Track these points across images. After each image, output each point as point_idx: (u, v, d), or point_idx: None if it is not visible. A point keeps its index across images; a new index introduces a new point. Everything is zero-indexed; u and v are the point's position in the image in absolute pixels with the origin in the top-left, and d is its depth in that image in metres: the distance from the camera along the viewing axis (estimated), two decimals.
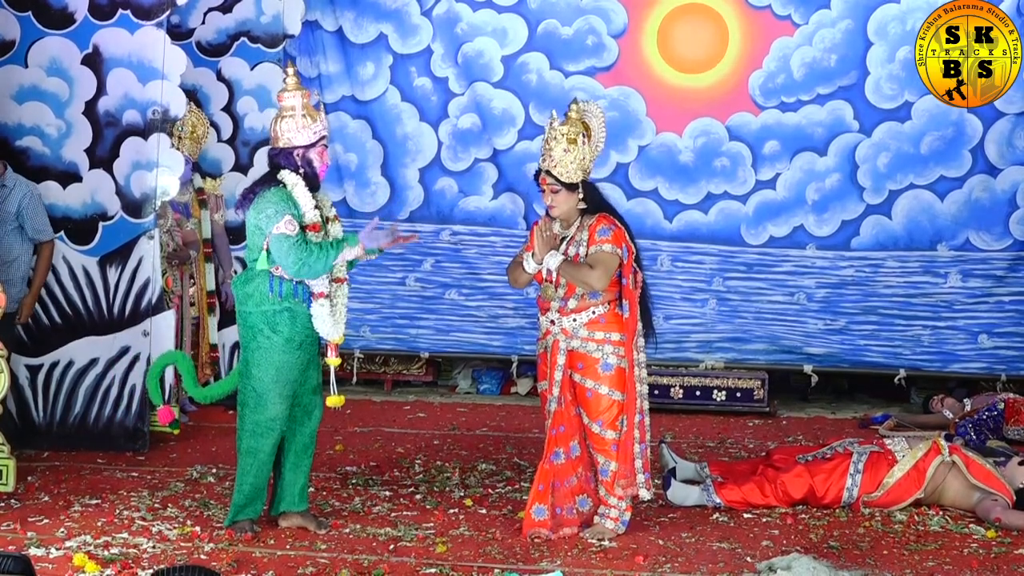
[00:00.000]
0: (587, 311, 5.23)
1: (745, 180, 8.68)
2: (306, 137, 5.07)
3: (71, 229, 6.55)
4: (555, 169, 5.18)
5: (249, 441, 5.12)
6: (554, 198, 5.22)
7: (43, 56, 6.46)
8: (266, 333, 5.05)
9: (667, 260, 8.70)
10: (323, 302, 5.09)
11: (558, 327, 5.25)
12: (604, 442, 5.23)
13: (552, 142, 5.19)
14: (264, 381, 5.07)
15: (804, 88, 8.56)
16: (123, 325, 6.59)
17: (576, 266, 5.17)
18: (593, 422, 5.24)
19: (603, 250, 5.16)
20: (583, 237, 5.23)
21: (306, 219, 5.04)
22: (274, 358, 5.07)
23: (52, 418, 6.60)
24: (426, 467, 6.46)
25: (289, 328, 5.06)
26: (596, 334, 5.22)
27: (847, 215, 8.61)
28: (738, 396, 8.29)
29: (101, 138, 6.53)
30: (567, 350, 5.25)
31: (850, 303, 8.60)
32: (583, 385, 5.23)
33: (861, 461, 5.74)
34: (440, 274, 8.85)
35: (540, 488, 5.24)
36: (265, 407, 5.09)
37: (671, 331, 8.55)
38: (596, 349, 5.22)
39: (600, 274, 5.13)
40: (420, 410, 8.24)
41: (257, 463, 5.13)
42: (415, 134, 8.84)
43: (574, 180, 5.20)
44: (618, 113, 8.53)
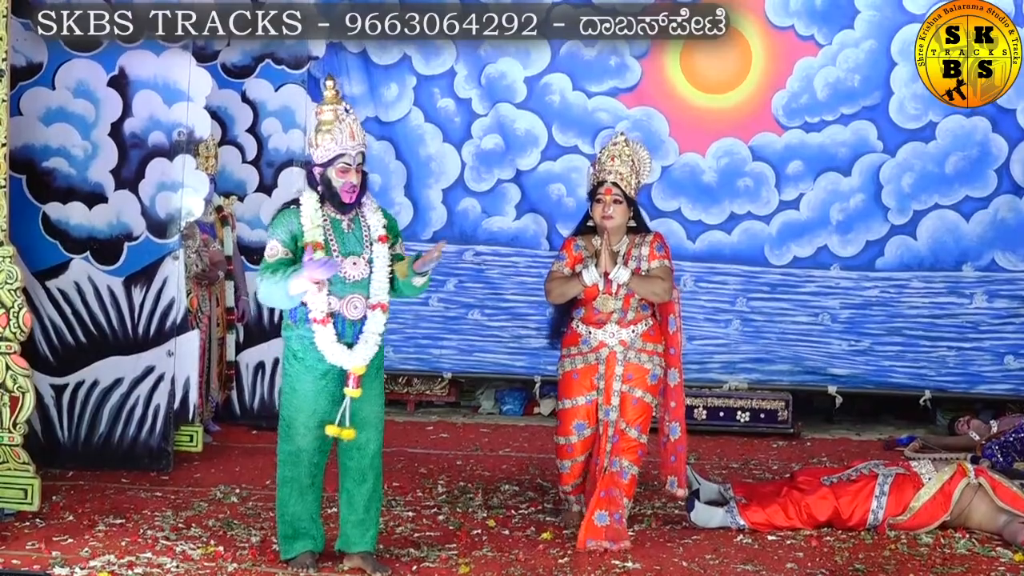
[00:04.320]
0: (642, 323, 5.52)
1: (769, 200, 8.66)
2: (320, 155, 4.82)
3: (96, 249, 6.59)
4: (621, 181, 5.46)
5: (282, 470, 4.91)
6: (615, 208, 5.47)
7: (70, 78, 6.51)
8: (290, 359, 4.88)
9: (690, 280, 8.69)
10: (318, 328, 4.75)
11: (616, 339, 5.47)
12: (637, 447, 5.49)
13: (616, 159, 5.50)
14: (290, 409, 4.87)
15: (828, 108, 8.55)
16: (148, 345, 6.61)
17: (647, 278, 5.46)
18: (631, 427, 5.48)
19: (665, 264, 5.51)
20: (643, 253, 5.51)
21: (305, 237, 4.78)
22: (296, 385, 4.85)
23: (77, 437, 6.62)
24: (449, 488, 6.45)
25: (309, 355, 4.81)
26: (648, 345, 5.52)
27: (871, 235, 8.59)
28: (762, 417, 8.26)
29: (127, 159, 6.57)
30: (624, 361, 5.45)
31: (875, 324, 8.56)
32: (631, 394, 5.48)
33: (887, 483, 5.70)
34: (463, 294, 8.86)
35: (603, 495, 5.37)
36: (290, 437, 4.87)
37: (694, 352, 8.53)
38: (648, 360, 5.51)
39: (669, 286, 5.48)
40: (443, 431, 8.24)
41: (295, 493, 4.89)
42: (438, 155, 8.87)
43: (633, 196, 5.50)
44: (641, 133, 8.53)
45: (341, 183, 4.82)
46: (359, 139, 4.86)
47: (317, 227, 4.79)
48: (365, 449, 4.90)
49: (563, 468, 5.66)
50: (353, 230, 4.89)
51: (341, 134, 4.81)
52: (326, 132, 4.81)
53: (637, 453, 5.49)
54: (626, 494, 5.47)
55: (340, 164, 4.82)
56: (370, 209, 4.96)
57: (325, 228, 4.81)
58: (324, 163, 4.83)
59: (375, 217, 4.95)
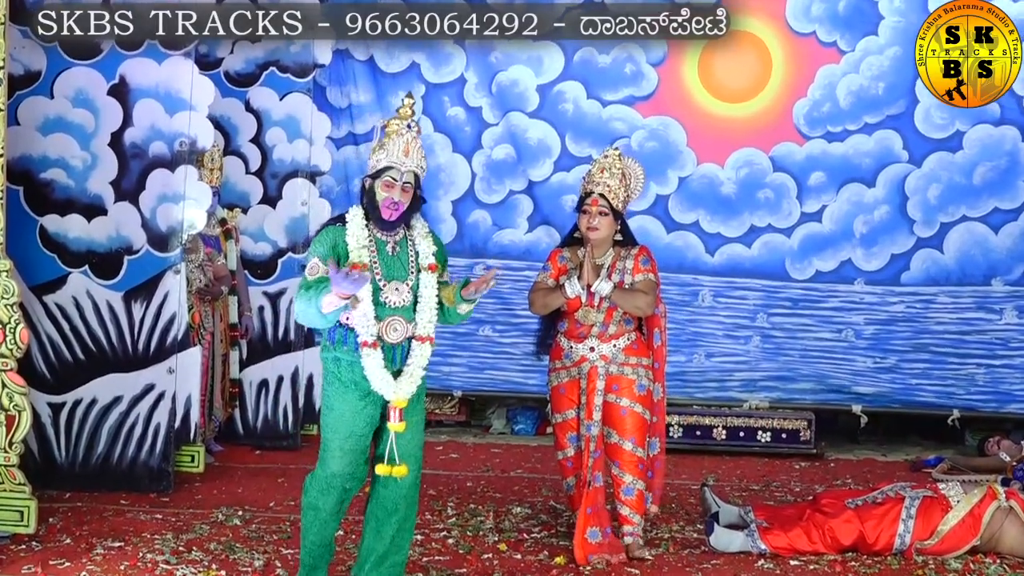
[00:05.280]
0: (624, 337, 5.57)
1: (790, 212, 8.66)
2: (371, 165, 4.80)
3: (95, 263, 6.60)
4: (608, 194, 5.52)
5: (312, 496, 4.77)
6: (601, 220, 5.52)
7: (69, 87, 6.53)
8: (329, 379, 4.78)
9: (709, 295, 8.69)
10: (369, 352, 4.67)
11: (597, 353, 5.54)
12: (635, 460, 5.54)
13: (605, 171, 5.56)
14: (326, 430, 4.76)
15: (851, 117, 8.55)
16: (148, 362, 6.62)
17: (629, 292, 5.51)
18: (625, 440, 5.54)
19: (649, 278, 5.54)
20: (627, 266, 5.56)
21: (351, 257, 4.68)
22: (335, 405, 4.72)
23: (74, 458, 6.63)
24: (459, 510, 6.45)
25: (348, 374, 4.71)
26: (631, 359, 5.56)
27: (897, 249, 8.58)
28: (784, 437, 8.24)
29: (127, 170, 6.59)
30: (606, 375, 5.51)
31: (900, 340, 8.54)
32: (618, 404, 5.54)
33: (914, 506, 5.68)
34: (474, 310, 8.83)
35: (589, 511, 5.43)
36: (327, 461, 4.73)
37: (713, 369, 8.53)
38: (632, 372, 5.56)
39: (652, 300, 5.52)
40: (453, 451, 8.24)
41: (319, 521, 4.79)
42: (448, 165, 8.89)
43: (620, 209, 5.55)
44: (658, 143, 8.55)
45: (383, 197, 4.73)
46: (414, 158, 4.80)
47: (363, 247, 4.71)
48: (402, 480, 4.82)
49: (568, 488, 5.73)
50: (399, 254, 4.81)
51: (395, 147, 4.76)
52: (380, 145, 4.78)
53: (638, 467, 5.56)
54: (636, 511, 5.55)
55: (387, 177, 4.75)
56: (420, 234, 4.88)
57: (370, 249, 4.73)
58: (372, 174, 4.78)
59: (425, 243, 4.88)
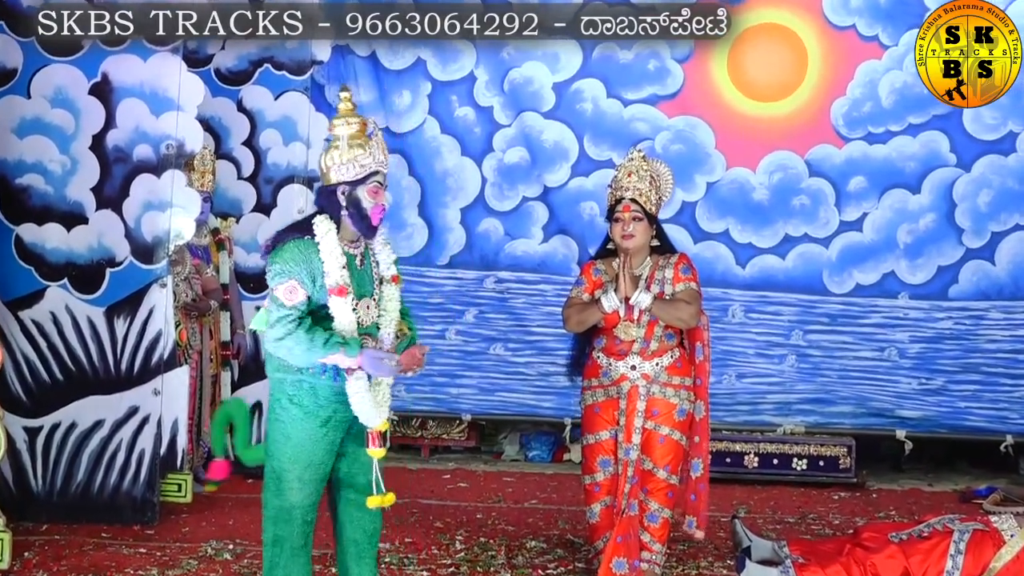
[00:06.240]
0: (667, 354, 5.59)
1: (827, 221, 8.65)
2: (352, 171, 4.66)
3: (75, 276, 6.63)
4: (640, 197, 5.55)
5: (274, 529, 4.79)
6: (635, 226, 5.54)
7: (47, 85, 6.57)
8: (283, 403, 4.75)
9: (740, 311, 8.68)
10: (360, 376, 4.67)
11: (639, 372, 5.55)
12: (666, 488, 5.58)
13: (633, 175, 5.58)
14: (281, 460, 4.74)
15: (894, 117, 8.55)
16: (132, 383, 6.64)
17: (670, 303, 5.52)
18: (659, 468, 5.56)
19: (691, 287, 5.56)
20: (666, 275, 5.58)
21: (328, 280, 4.62)
22: (291, 433, 4.70)
23: (52, 486, 6.65)
24: (468, 544, 6.44)
25: (311, 400, 4.71)
26: (674, 379, 5.60)
27: (944, 260, 8.57)
28: (821, 465, 8.21)
29: (109, 176, 6.62)
30: (647, 396, 5.53)
31: (948, 360, 8.52)
32: (657, 432, 5.55)
33: (963, 541, 5.65)
34: (484, 326, 8.87)
35: (619, 540, 5.44)
36: (283, 492, 4.73)
37: (744, 391, 8.51)
38: (674, 395, 5.59)
39: (695, 311, 5.53)
40: (461, 479, 8.23)
41: (286, 554, 4.79)
42: (456, 170, 8.90)
43: (654, 213, 5.59)
44: (684, 146, 8.55)
45: (372, 204, 4.70)
46: (387, 158, 4.81)
47: (342, 268, 4.66)
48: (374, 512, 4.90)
49: (591, 516, 5.67)
50: (364, 267, 4.80)
51: (376, 149, 4.73)
52: (358, 146, 4.70)
53: (667, 495, 5.58)
54: (658, 539, 5.58)
55: (373, 183, 4.71)
56: (379, 242, 4.87)
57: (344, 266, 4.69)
58: (356, 180, 4.70)
59: (385, 252, 4.89)
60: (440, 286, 8.74)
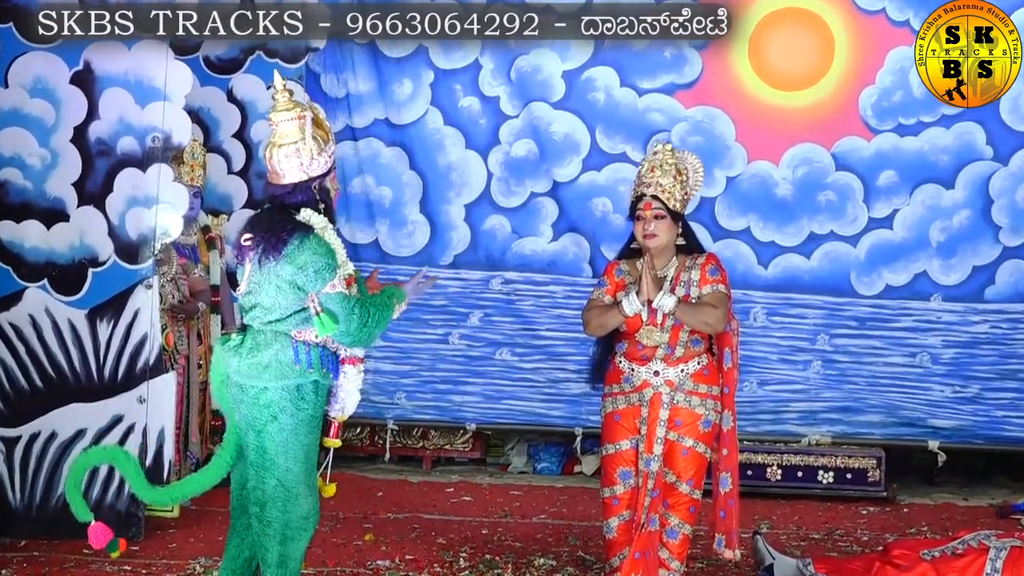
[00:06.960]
0: (694, 361, 5.57)
1: (855, 218, 8.64)
2: (323, 164, 4.91)
3: (55, 276, 6.64)
4: (663, 194, 5.53)
5: (281, 548, 4.83)
6: (657, 225, 5.53)
7: (26, 74, 6.58)
8: (290, 411, 4.81)
9: (762, 314, 8.67)
10: (352, 370, 4.95)
11: (662, 379, 5.53)
12: (688, 503, 5.56)
13: (656, 169, 5.57)
14: (294, 471, 4.82)
15: (926, 108, 8.53)
16: (115, 390, 6.64)
17: (696, 306, 5.50)
18: (683, 482, 5.55)
19: (719, 290, 5.55)
20: (692, 277, 5.57)
21: (344, 271, 4.87)
22: (303, 440, 4.84)
23: (31, 500, 6.66)
24: (473, 561, 6.44)
25: (314, 403, 4.88)
26: (700, 387, 5.57)
27: (979, 260, 8.55)
28: (849, 478, 8.21)
29: (92, 170, 6.63)
30: (671, 404, 5.52)
31: (984, 366, 8.51)
32: (680, 444, 5.53)
33: (1000, 559, 5.64)
34: (490, 330, 8.86)
35: (637, 556, 5.44)
36: (297, 502, 4.83)
37: (767, 399, 8.51)
38: (699, 404, 5.57)
39: (722, 315, 5.51)
40: (465, 492, 8.24)
41: (290, 574, 4.87)
42: (460, 164, 8.90)
43: (679, 210, 5.56)
44: (702, 138, 8.54)
45: (334, 192, 5.03)
46: None
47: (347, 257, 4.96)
48: None
49: (608, 531, 5.65)
50: None
51: (331, 135, 5.02)
52: (322, 139, 4.92)
53: (689, 509, 5.57)
54: (677, 556, 5.56)
55: (334, 171, 5.04)
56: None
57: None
58: (325, 173, 4.95)
59: None
60: (443, 287, 8.72)
